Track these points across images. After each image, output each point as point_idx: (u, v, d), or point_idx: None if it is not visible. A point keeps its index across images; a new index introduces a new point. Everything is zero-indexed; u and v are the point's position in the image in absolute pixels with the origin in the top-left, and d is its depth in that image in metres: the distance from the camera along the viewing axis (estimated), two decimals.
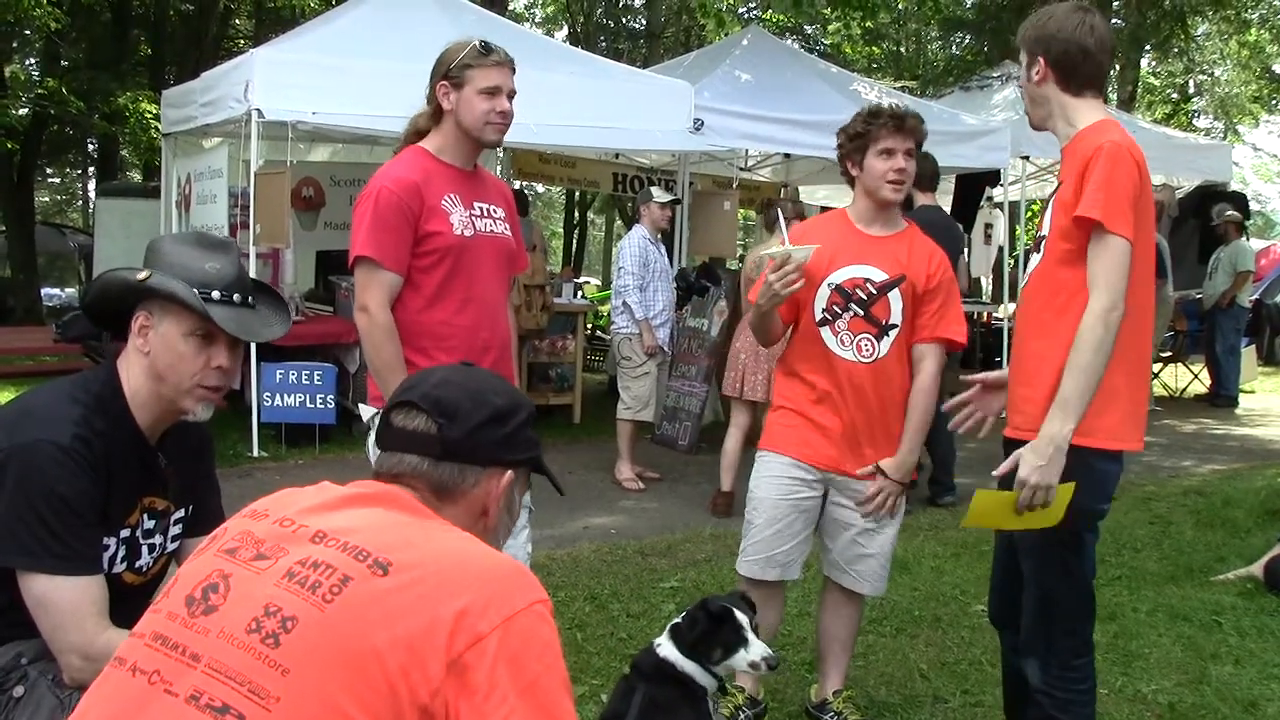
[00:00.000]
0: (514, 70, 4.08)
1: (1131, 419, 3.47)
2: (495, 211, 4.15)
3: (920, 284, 4.30)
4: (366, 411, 4.13)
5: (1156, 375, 14.40)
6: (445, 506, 2.12)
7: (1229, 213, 14.62)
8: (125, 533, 2.74)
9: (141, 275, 2.68)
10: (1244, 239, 14.80)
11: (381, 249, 3.87)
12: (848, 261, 4.25)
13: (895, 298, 4.25)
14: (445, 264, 3.95)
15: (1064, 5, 3.59)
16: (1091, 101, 3.55)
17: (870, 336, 4.24)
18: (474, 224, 4.03)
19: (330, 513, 2.02)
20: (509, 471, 2.23)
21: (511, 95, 4.05)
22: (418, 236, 3.91)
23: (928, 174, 8.55)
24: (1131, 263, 3.33)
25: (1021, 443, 3.45)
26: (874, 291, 4.24)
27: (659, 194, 9.49)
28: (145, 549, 2.81)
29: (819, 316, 4.26)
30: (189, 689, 1.81)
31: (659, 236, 9.45)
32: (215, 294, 2.73)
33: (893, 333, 4.26)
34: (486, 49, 4.00)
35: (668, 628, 3.56)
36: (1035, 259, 3.58)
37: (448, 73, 3.97)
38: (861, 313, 4.23)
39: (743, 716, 4.44)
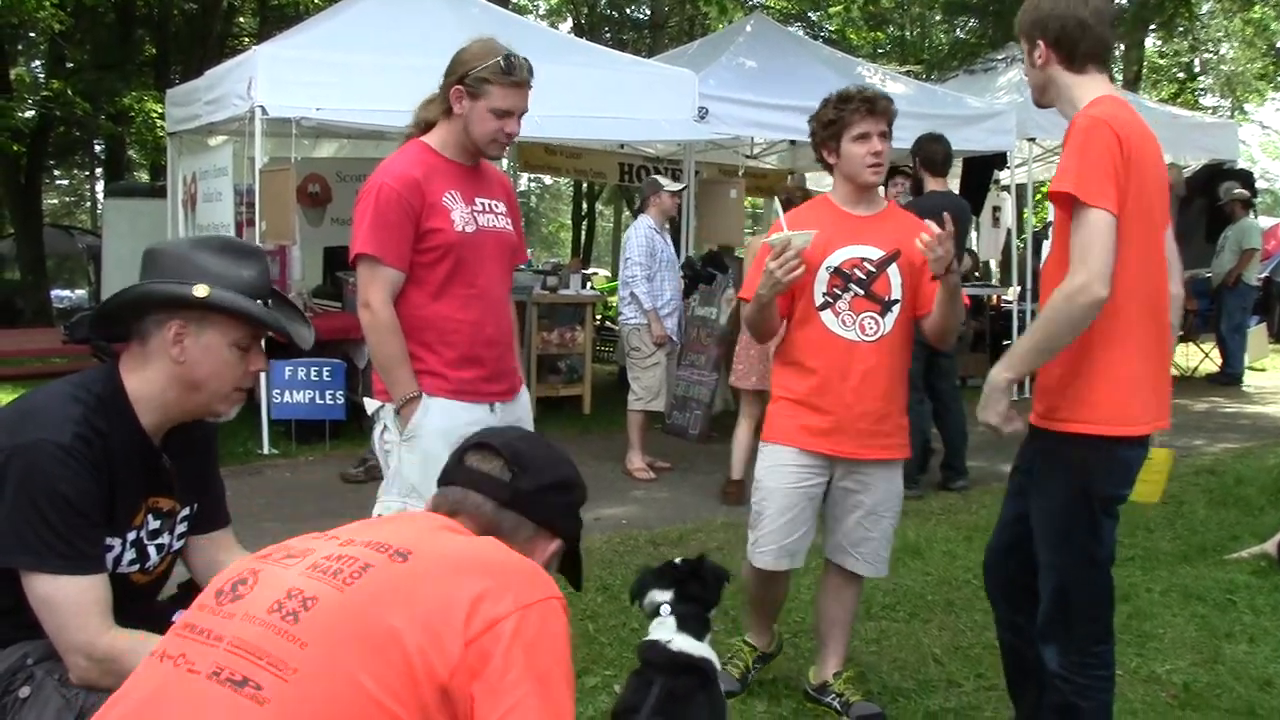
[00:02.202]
0: (531, 86, 4.03)
1: (1155, 401, 3.49)
2: (496, 206, 4.13)
3: (918, 257, 4.27)
4: (371, 405, 4.13)
5: None
6: None
7: (1236, 190, 14.57)
8: (131, 535, 2.73)
9: (200, 293, 2.64)
10: (1251, 216, 14.76)
11: (382, 246, 3.87)
12: (843, 243, 4.24)
13: (894, 273, 4.25)
14: (448, 260, 3.95)
15: None
16: (1095, 77, 3.53)
17: (874, 314, 4.23)
18: (476, 219, 4.02)
19: (362, 528, 2.13)
20: (558, 540, 2.35)
21: (522, 114, 4.01)
22: (419, 232, 3.90)
23: (939, 158, 8.48)
24: (1135, 240, 3.31)
25: (1044, 430, 3.51)
26: (873, 269, 4.24)
27: (667, 183, 9.49)
28: (153, 549, 2.81)
29: (819, 301, 4.24)
30: (211, 666, 1.86)
31: (666, 226, 9.45)
32: (258, 302, 2.74)
33: (895, 308, 4.26)
34: (509, 67, 3.93)
35: (670, 623, 3.50)
36: (1046, 245, 3.59)
37: (464, 79, 3.91)
38: (862, 291, 4.23)
39: (753, 675, 4.50)
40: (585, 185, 32.21)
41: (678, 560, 3.69)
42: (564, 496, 2.37)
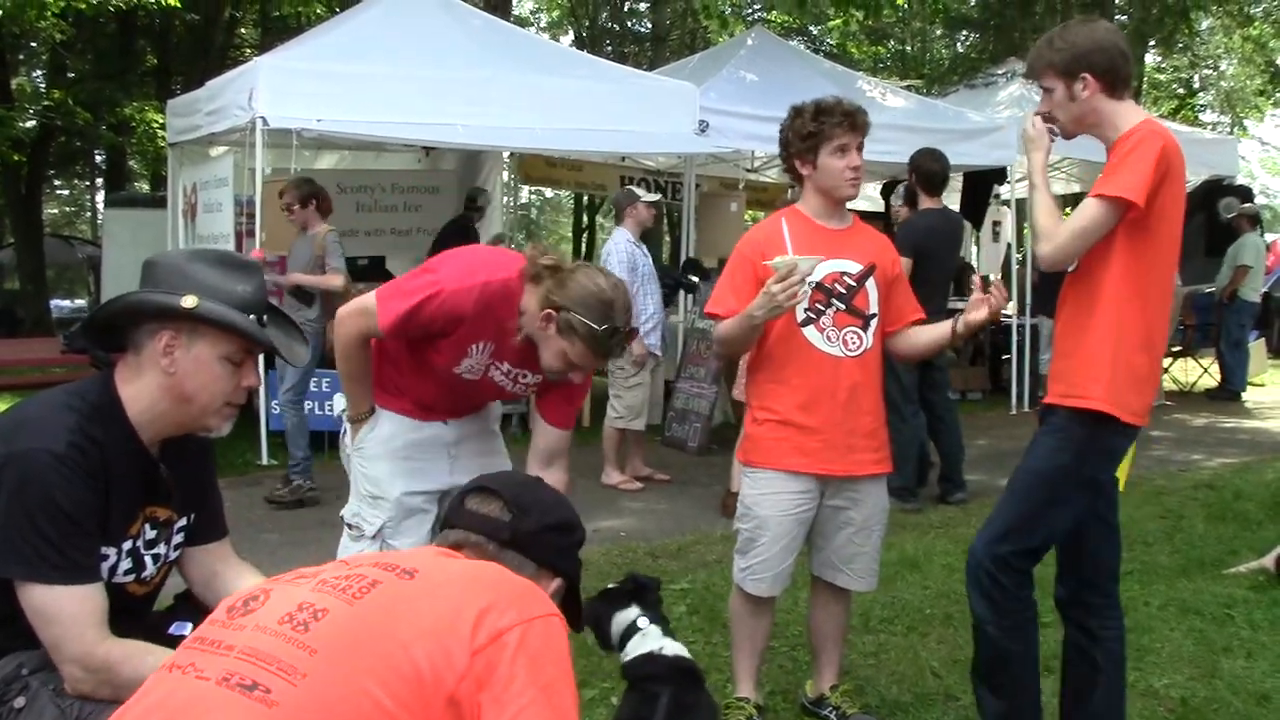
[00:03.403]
0: (609, 359, 3.85)
1: (1149, 397, 3.75)
2: (524, 376, 3.84)
3: (889, 271, 4.33)
4: (338, 405, 4.09)
5: (1166, 370, 14.39)
6: None
7: (1243, 206, 14.58)
8: (127, 544, 2.72)
9: (189, 303, 2.62)
10: (1256, 233, 14.74)
11: (392, 327, 3.64)
12: (823, 257, 4.16)
13: (871, 287, 4.24)
14: (436, 373, 3.81)
15: (1073, 23, 3.80)
16: (1130, 102, 3.72)
17: (856, 329, 4.21)
18: (486, 371, 3.79)
19: (369, 555, 2.27)
20: (559, 579, 2.41)
21: (578, 369, 3.70)
22: (429, 338, 3.71)
23: (937, 178, 8.45)
24: (1161, 248, 3.64)
25: (1057, 408, 3.71)
26: (853, 284, 4.21)
27: (644, 193, 9.45)
28: (149, 559, 2.80)
29: (801, 317, 4.17)
30: (221, 673, 1.89)
31: (643, 237, 9.40)
32: (250, 318, 2.73)
33: (874, 323, 4.25)
34: (605, 344, 3.54)
35: (655, 630, 3.44)
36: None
37: (562, 309, 3.49)
38: (844, 306, 4.19)
39: None
40: (586, 198, 32.25)
41: (611, 585, 3.56)
42: (565, 538, 2.42)
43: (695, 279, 10.71)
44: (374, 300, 3.67)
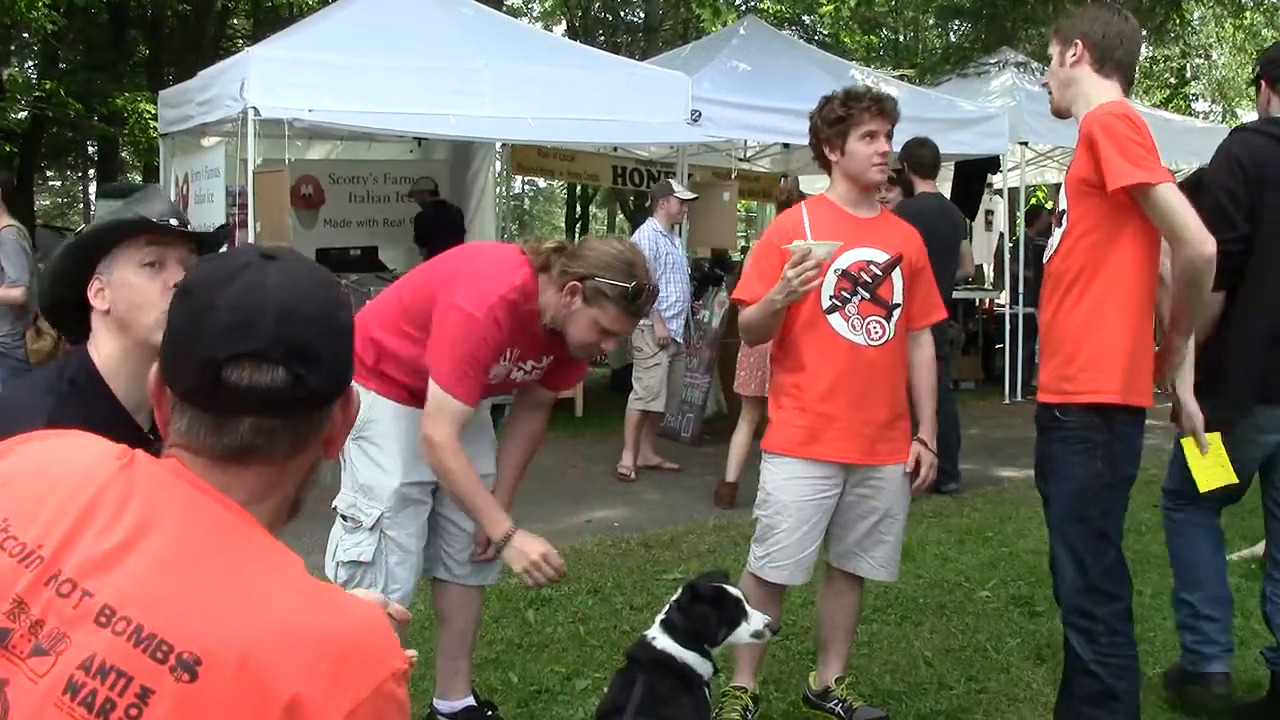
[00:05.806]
0: (641, 317, 3.80)
1: (1143, 376, 3.66)
2: (539, 364, 3.91)
3: (915, 263, 4.30)
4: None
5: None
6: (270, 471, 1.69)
7: None
8: None
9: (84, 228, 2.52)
10: None
11: (465, 387, 3.62)
12: (849, 245, 4.14)
13: (897, 277, 4.22)
14: None
15: (1096, 4, 3.85)
16: (1115, 84, 3.72)
17: (880, 319, 4.18)
18: (510, 374, 3.85)
19: (117, 562, 1.49)
20: (351, 386, 1.75)
21: (612, 336, 3.74)
22: None
23: (928, 161, 8.51)
24: (1150, 230, 3.53)
25: (1051, 405, 3.67)
26: (878, 273, 4.18)
27: (680, 189, 9.52)
28: None
29: (826, 304, 4.15)
30: None
31: (674, 229, 9.46)
32: (157, 217, 2.57)
33: (897, 313, 4.22)
34: (634, 300, 3.61)
35: (659, 621, 3.58)
36: (1057, 234, 3.73)
37: (587, 279, 3.58)
38: (869, 295, 4.17)
39: (751, 716, 4.42)
40: (579, 188, 32.22)
41: (716, 584, 3.64)
42: (350, 344, 1.71)
43: (722, 273, 10.78)
44: (444, 394, 3.63)
